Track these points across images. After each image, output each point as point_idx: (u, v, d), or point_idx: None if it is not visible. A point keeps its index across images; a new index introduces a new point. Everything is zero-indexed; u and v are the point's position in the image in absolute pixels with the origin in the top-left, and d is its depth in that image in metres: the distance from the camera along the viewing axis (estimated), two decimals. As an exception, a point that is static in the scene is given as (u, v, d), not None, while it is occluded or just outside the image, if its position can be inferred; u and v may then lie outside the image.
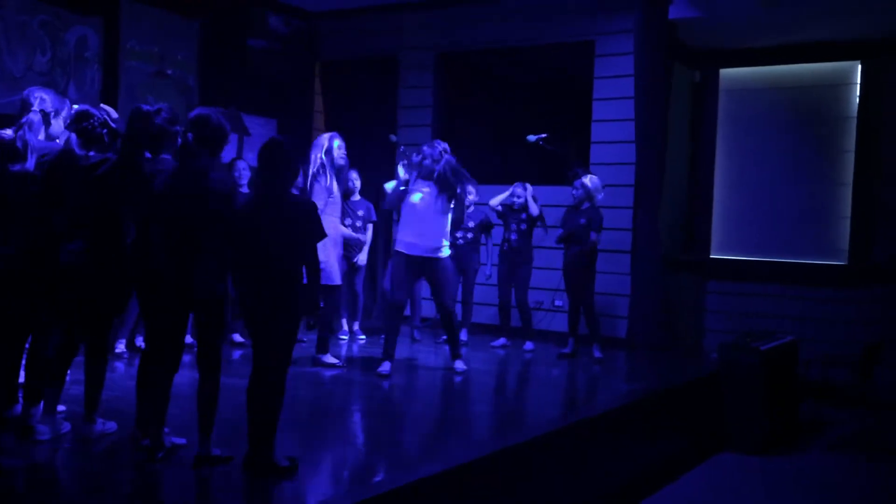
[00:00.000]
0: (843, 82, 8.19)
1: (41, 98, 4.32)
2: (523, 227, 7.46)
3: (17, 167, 4.17)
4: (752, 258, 8.40)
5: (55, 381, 4.19)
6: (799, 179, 8.32)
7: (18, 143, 4.18)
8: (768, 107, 8.49)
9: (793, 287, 8.06)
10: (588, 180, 7.18)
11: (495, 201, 7.59)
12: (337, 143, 6.66)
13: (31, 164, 4.18)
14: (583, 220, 7.08)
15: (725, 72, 8.70)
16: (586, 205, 7.14)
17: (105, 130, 4.23)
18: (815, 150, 8.30)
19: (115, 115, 4.35)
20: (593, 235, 7.05)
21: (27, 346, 4.33)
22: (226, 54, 8.65)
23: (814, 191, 8.26)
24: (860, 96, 8.07)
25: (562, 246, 7.27)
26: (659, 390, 6.14)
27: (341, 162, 6.67)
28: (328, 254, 6.15)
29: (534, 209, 7.43)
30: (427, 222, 6.22)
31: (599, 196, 7.18)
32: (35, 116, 4.25)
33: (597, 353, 7.15)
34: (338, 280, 6.56)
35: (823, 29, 7.89)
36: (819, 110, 8.29)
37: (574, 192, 7.20)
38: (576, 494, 4.90)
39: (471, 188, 7.71)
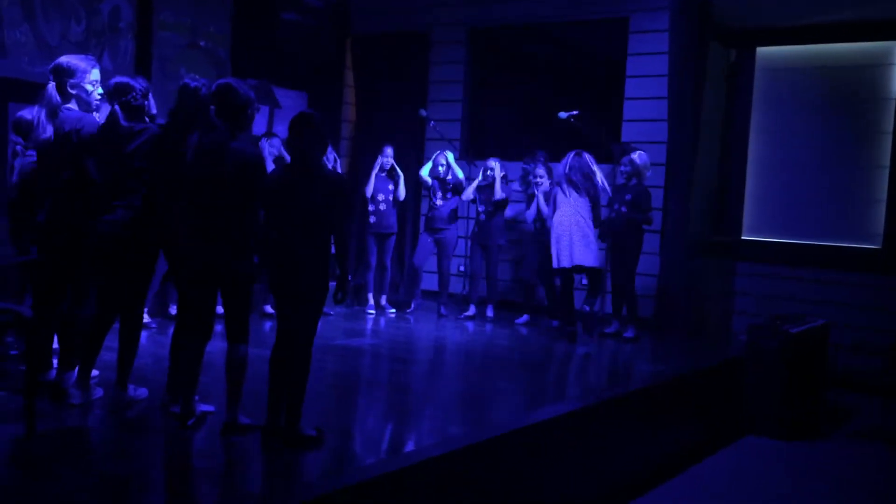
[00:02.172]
0: (883, 63, 8.01)
1: (65, 66, 4.32)
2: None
3: (45, 136, 4.24)
4: (784, 240, 8.29)
5: (91, 347, 4.27)
6: (834, 161, 8.17)
7: (40, 115, 4.25)
8: (805, 87, 8.34)
9: (824, 271, 7.94)
10: (637, 156, 7.09)
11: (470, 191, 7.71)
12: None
13: (48, 132, 4.24)
14: (628, 197, 7.00)
15: (762, 51, 8.53)
16: (633, 181, 7.06)
17: (147, 102, 4.28)
18: (852, 132, 8.13)
19: (154, 109, 4.39)
20: (638, 215, 6.96)
21: (63, 312, 4.41)
22: (258, 27, 8.65)
23: (849, 173, 8.11)
24: (900, 77, 7.89)
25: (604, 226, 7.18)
26: (685, 372, 6.12)
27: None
28: None
29: (499, 193, 7.51)
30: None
31: (648, 173, 7.09)
32: (50, 87, 4.28)
33: (629, 333, 7.12)
34: None
35: (863, 7, 7.71)
36: (857, 91, 8.12)
37: (622, 168, 7.11)
38: (600, 474, 4.92)
39: (493, 163, 7.72)
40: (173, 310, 6.51)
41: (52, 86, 4.30)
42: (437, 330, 7.32)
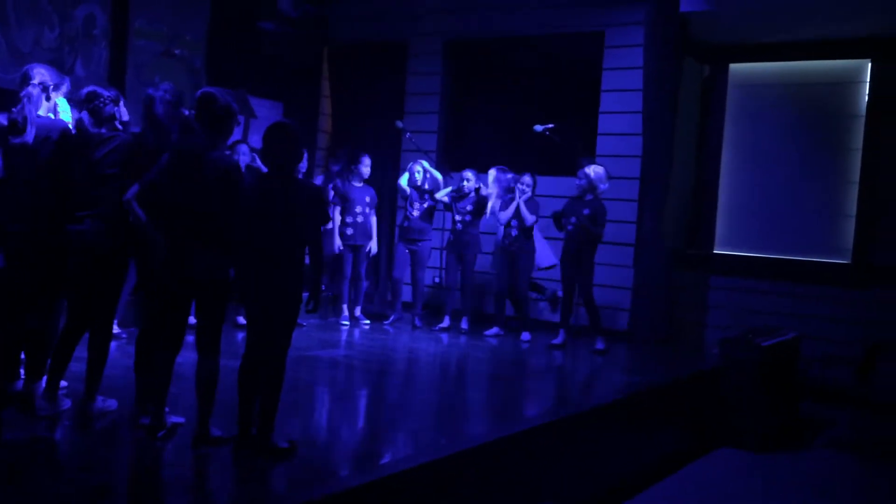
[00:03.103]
0: (853, 80, 8.15)
1: (41, 72, 4.31)
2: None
3: (17, 140, 4.17)
4: (756, 254, 8.38)
5: (59, 358, 4.21)
6: (805, 176, 8.29)
7: (18, 117, 4.17)
8: (777, 103, 8.46)
9: (796, 284, 8.04)
10: (591, 171, 7.14)
11: (441, 194, 7.81)
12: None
13: (30, 136, 4.16)
14: (586, 211, 7.05)
15: (735, 67, 8.65)
16: (589, 196, 7.12)
17: (116, 108, 4.24)
18: (823, 148, 8.26)
19: (125, 117, 4.36)
20: (597, 229, 7.03)
21: (31, 322, 4.34)
22: (235, 36, 8.62)
23: (820, 188, 8.23)
24: (869, 95, 8.03)
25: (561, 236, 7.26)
26: (659, 384, 6.15)
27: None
28: None
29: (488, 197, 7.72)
30: None
31: (603, 187, 7.14)
32: (34, 90, 4.23)
33: (599, 345, 7.15)
34: None
35: (834, 26, 7.85)
36: (828, 108, 8.25)
37: (578, 181, 7.18)
38: (573, 487, 4.92)
39: (469, 174, 7.76)
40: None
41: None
42: (412, 341, 7.30)
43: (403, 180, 7.91)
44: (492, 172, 7.79)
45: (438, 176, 7.92)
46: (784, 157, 8.37)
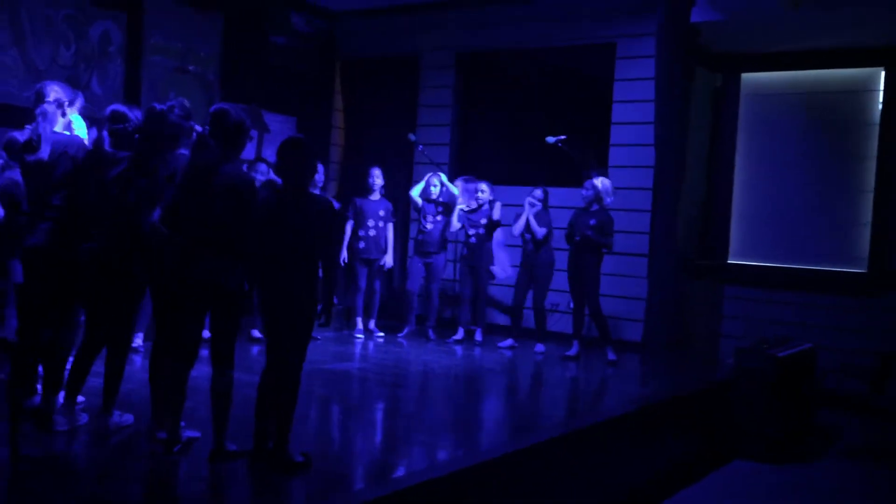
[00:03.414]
0: (866, 89, 8.12)
1: (55, 89, 4.36)
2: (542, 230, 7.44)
3: (32, 158, 4.23)
4: (770, 264, 8.35)
5: (77, 374, 4.24)
6: (819, 186, 8.25)
7: (33, 135, 4.23)
8: (790, 112, 8.44)
9: (810, 294, 8.00)
10: (599, 182, 7.15)
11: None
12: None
13: (44, 153, 4.22)
14: (593, 222, 7.06)
15: (747, 76, 8.64)
16: (595, 206, 7.12)
17: (137, 135, 4.28)
18: (837, 157, 8.23)
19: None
20: (605, 240, 7.02)
21: (48, 337, 4.38)
22: (248, 51, 8.69)
23: (834, 197, 8.20)
24: (883, 103, 8.00)
25: (567, 247, 7.27)
26: (672, 395, 6.12)
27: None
28: None
29: (496, 213, 7.70)
30: None
31: (609, 199, 7.15)
32: (49, 107, 4.29)
33: (611, 356, 7.14)
34: None
35: (847, 35, 7.83)
36: (841, 116, 8.22)
37: (584, 192, 7.19)
38: (586, 498, 4.90)
39: (483, 186, 7.77)
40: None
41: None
42: (426, 353, 7.30)
43: (416, 191, 7.93)
44: (458, 183, 7.90)
45: (455, 191, 7.93)
46: (798, 165, 8.35)
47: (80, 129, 4.51)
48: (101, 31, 7.50)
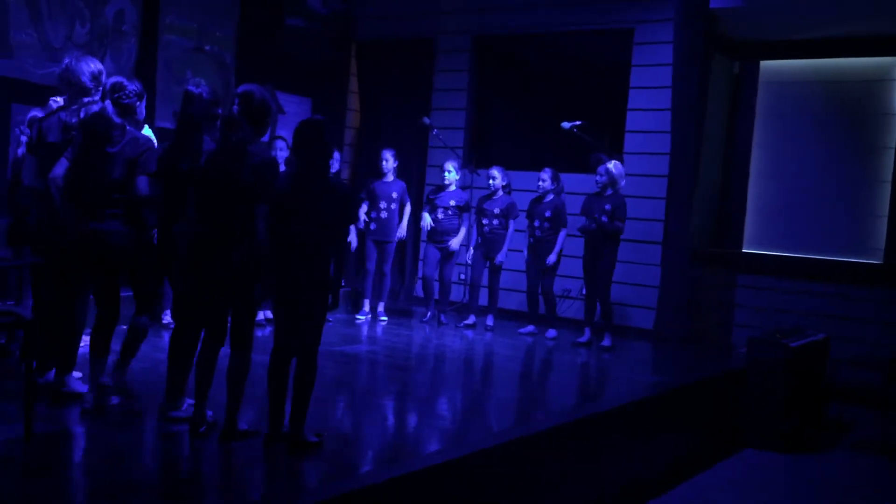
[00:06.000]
0: (885, 78, 8.03)
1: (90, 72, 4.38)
2: (548, 214, 7.40)
3: (51, 139, 4.28)
4: (785, 254, 8.29)
5: (97, 351, 4.25)
6: (836, 175, 8.18)
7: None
8: (808, 100, 8.35)
9: (825, 285, 7.94)
10: (612, 166, 7.12)
11: None
12: None
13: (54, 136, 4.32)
14: (607, 207, 7.03)
15: (766, 64, 8.55)
16: (609, 191, 7.09)
17: (139, 104, 4.29)
18: (854, 146, 8.15)
19: (142, 115, 4.43)
20: (618, 224, 7.00)
21: (63, 314, 4.40)
22: (263, 32, 8.67)
23: (851, 187, 8.12)
24: (903, 93, 7.91)
25: (580, 234, 7.24)
26: (684, 383, 6.11)
27: None
28: None
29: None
30: None
31: (622, 183, 7.13)
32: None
33: (606, 342, 7.14)
34: None
35: (867, 23, 7.73)
36: (859, 105, 8.14)
37: (598, 178, 7.15)
38: (594, 486, 4.90)
39: (495, 173, 7.71)
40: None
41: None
42: (437, 338, 7.31)
43: (426, 220, 7.83)
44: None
45: (467, 196, 7.90)
46: (815, 155, 8.27)
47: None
48: (117, 9, 7.48)
